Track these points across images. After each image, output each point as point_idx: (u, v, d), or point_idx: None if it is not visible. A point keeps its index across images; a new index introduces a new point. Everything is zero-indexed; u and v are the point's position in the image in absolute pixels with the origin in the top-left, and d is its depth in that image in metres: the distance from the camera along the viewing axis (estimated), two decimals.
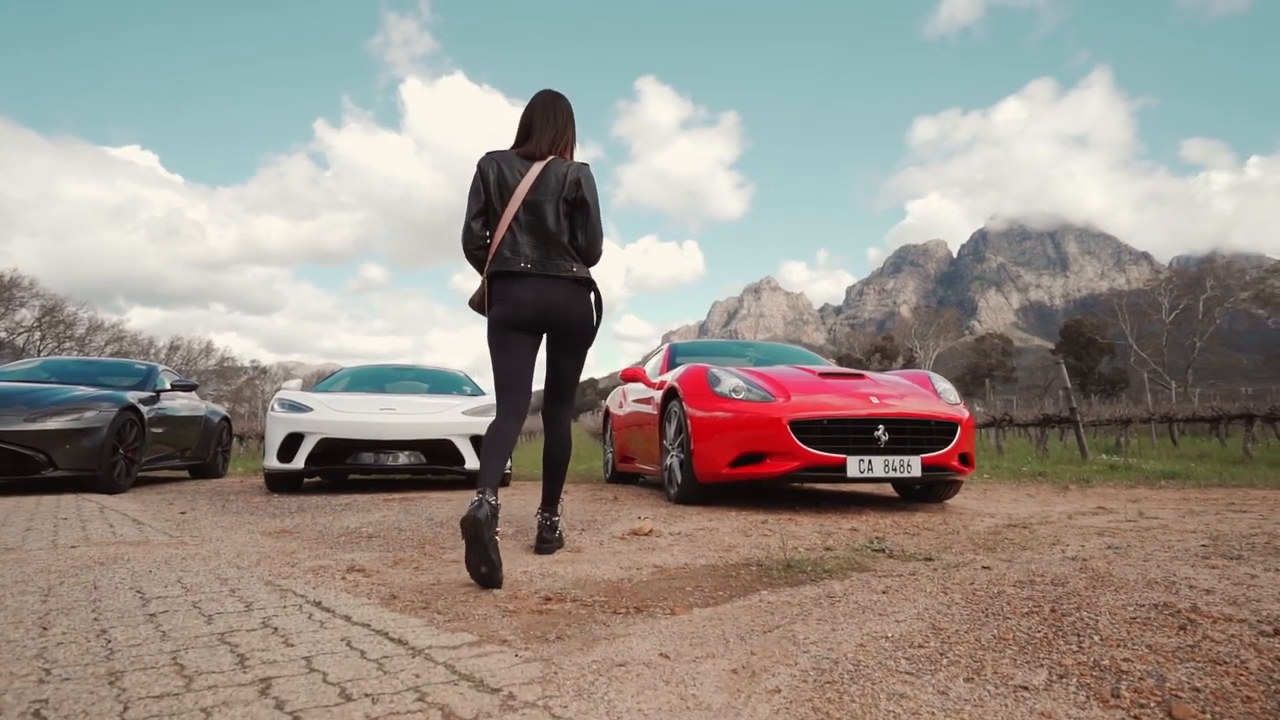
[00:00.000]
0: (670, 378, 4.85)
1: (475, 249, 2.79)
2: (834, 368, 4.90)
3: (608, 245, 3.12)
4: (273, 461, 5.36)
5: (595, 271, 2.90)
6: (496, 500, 2.38)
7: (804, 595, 2.09)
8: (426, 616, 1.86)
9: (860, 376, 4.58)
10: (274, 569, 2.49)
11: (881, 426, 3.93)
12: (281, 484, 5.55)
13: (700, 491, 4.35)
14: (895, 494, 5.18)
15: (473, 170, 2.79)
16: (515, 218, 2.70)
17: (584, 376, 3.03)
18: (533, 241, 2.71)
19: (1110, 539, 3.07)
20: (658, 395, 5.07)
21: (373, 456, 5.42)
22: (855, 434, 3.93)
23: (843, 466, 3.86)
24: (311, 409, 5.48)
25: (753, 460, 4.03)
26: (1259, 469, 7.91)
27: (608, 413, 7.08)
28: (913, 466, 3.91)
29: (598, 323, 2.89)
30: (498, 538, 2.32)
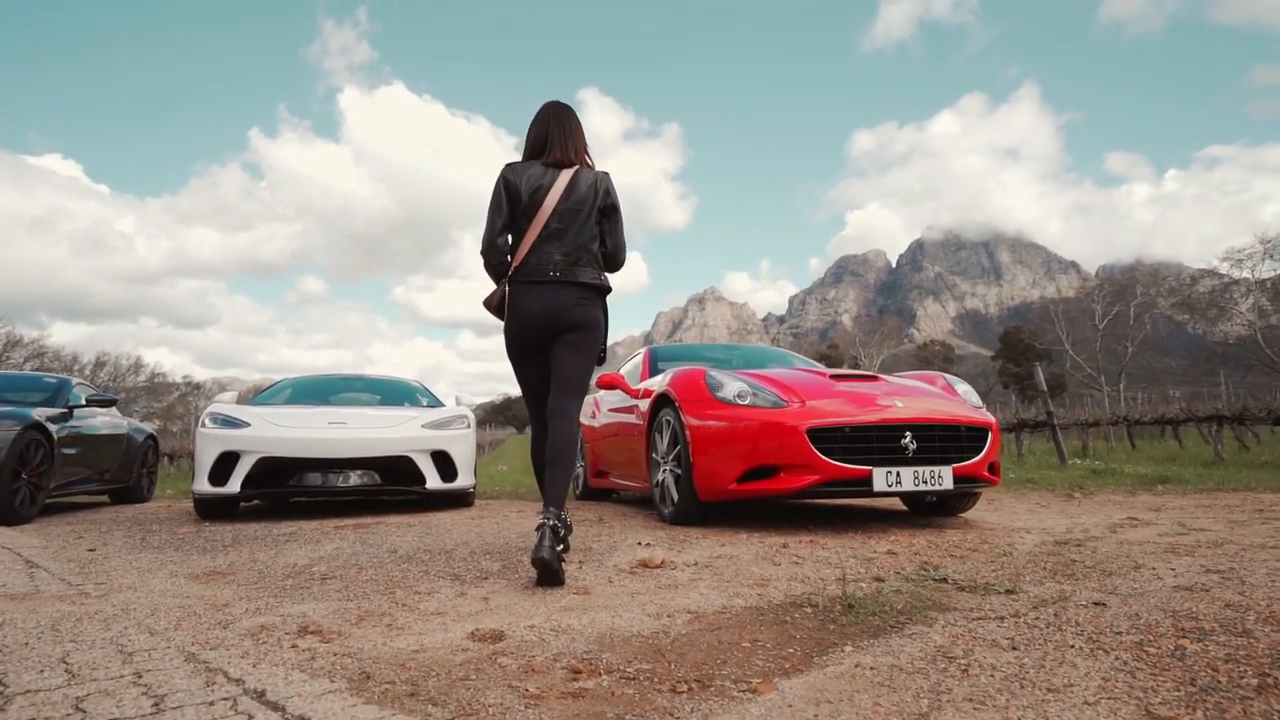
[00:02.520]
0: (659, 383, 4.35)
1: (498, 263, 2.76)
2: (843, 370, 4.47)
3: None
4: (203, 485, 4.66)
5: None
6: (557, 521, 2.46)
7: (907, 654, 1.62)
8: (419, 711, 1.32)
9: (875, 378, 4.16)
10: (200, 632, 1.90)
11: (909, 434, 3.51)
12: (214, 510, 4.85)
13: (700, 510, 3.86)
14: (904, 507, 4.78)
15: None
16: (546, 226, 2.69)
17: None
18: (563, 249, 2.70)
19: (1192, 559, 2.70)
20: (644, 403, 4.57)
21: (320, 477, 4.76)
22: (880, 443, 3.50)
23: (868, 480, 3.42)
24: (249, 424, 4.80)
25: (764, 475, 3.56)
26: (1239, 471, 7.83)
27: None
28: (944, 478, 3.49)
29: (605, 330, 2.87)
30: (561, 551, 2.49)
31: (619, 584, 2.48)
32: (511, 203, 2.72)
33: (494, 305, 2.83)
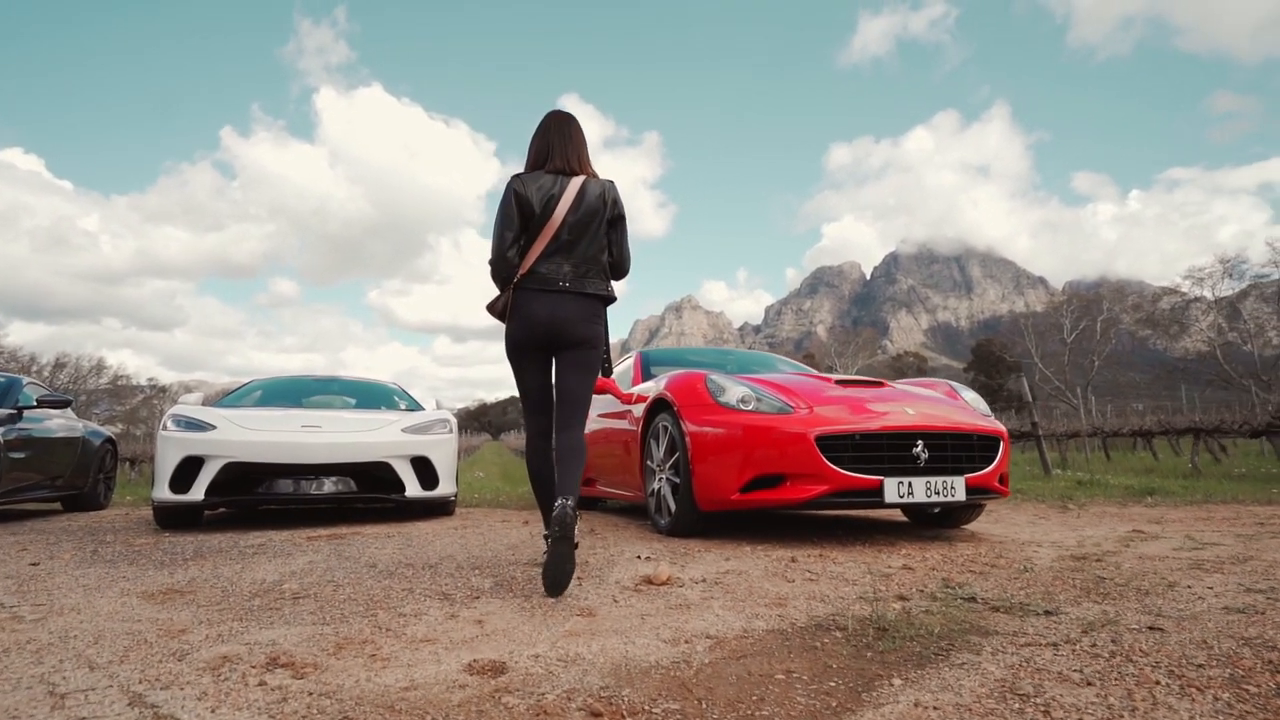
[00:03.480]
0: (655, 387, 4.15)
1: (507, 275, 2.71)
2: (848, 375, 4.31)
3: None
4: (164, 492, 4.35)
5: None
6: (575, 503, 2.45)
7: (969, 690, 1.43)
8: None
9: (880, 384, 3.99)
10: (150, 666, 1.65)
11: (921, 442, 3.34)
12: (175, 520, 4.53)
13: (700, 521, 3.66)
14: (905, 518, 4.62)
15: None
16: (555, 236, 2.66)
17: (504, 395, 3.02)
18: (572, 261, 2.69)
19: (1224, 577, 2.55)
20: (638, 409, 4.36)
21: (292, 484, 4.47)
22: (891, 451, 3.33)
23: (879, 491, 3.25)
24: (215, 427, 4.49)
25: (769, 484, 3.36)
26: (1219, 483, 7.82)
27: None
28: (956, 489, 3.33)
29: (606, 344, 2.86)
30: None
31: (625, 604, 2.27)
32: (523, 214, 2.68)
33: (498, 310, 2.80)
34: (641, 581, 2.57)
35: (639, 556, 3.10)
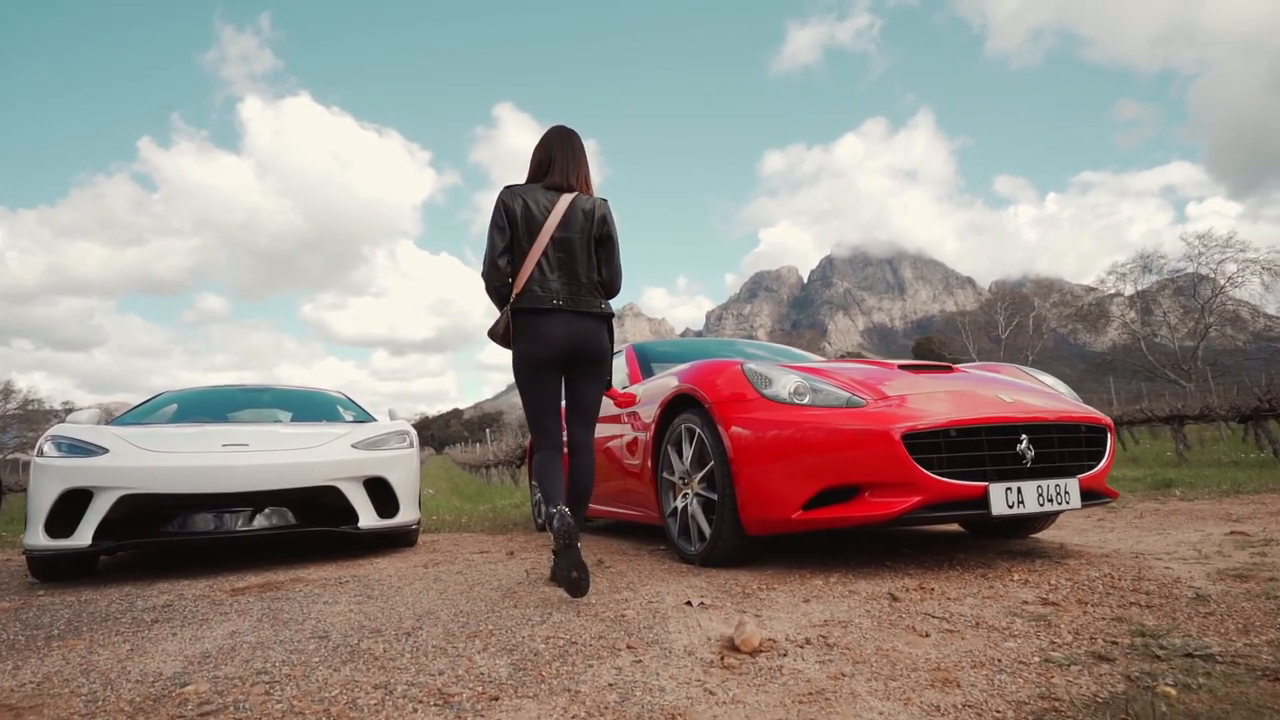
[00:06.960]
0: (668, 383, 3.40)
1: (500, 285, 2.72)
2: (905, 360, 3.62)
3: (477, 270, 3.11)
4: (38, 536, 3.35)
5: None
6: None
7: None
8: None
9: (951, 369, 3.32)
10: None
11: (1025, 437, 2.66)
12: (55, 571, 3.54)
13: (744, 547, 2.91)
14: (959, 529, 3.96)
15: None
16: (544, 252, 2.67)
17: (446, 408, 2.74)
18: (562, 277, 2.68)
19: None
20: (646, 410, 3.59)
21: (212, 519, 3.52)
22: (991, 450, 2.64)
23: (983, 500, 2.55)
24: (106, 450, 3.51)
25: (842, 497, 2.63)
26: (1222, 469, 7.51)
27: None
28: (1071, 494, 2.66)
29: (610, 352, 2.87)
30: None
31: (724, 694, 1.49)
32: (511, 226, 2.69)
33: (500, 334, 2.78)
34: (723, 647, 1.80)
35: (688, 603, 2.32)
